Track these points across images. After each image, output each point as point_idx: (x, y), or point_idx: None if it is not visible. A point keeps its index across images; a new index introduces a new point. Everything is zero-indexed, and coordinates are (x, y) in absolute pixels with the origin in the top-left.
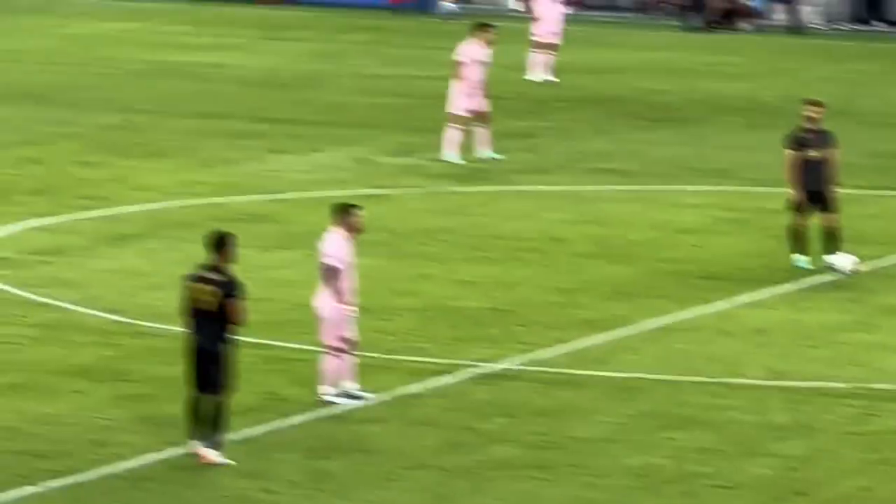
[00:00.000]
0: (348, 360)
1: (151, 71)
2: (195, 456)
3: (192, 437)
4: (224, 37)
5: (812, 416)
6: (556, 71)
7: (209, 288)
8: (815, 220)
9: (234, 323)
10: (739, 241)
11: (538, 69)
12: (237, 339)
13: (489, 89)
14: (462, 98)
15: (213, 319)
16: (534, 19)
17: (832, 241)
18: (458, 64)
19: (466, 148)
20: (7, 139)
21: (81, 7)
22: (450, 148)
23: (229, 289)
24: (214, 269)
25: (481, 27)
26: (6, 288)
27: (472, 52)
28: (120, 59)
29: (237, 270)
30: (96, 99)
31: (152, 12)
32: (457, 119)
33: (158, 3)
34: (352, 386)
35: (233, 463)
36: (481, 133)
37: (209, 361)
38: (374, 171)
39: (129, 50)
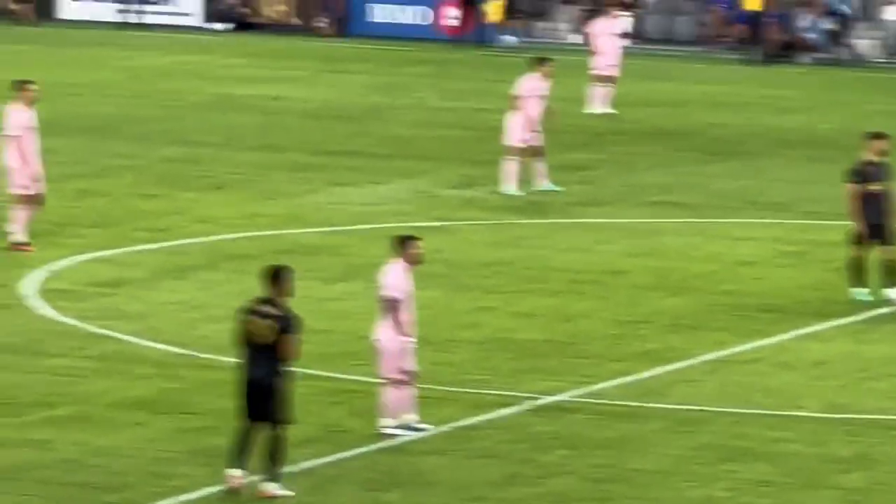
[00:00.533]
0: (408, 392)
1: (213, 103)
2: (231, 482)
3: (233, 466)
4: (285, 69)
5: (872, 448)
6: (615, 104)
7: (265, 322)
8: (875, 254)
9: (289, 357)
10: (798, 273)
11: (597, 102)
12: (292, 372)
13: (550, 122)
14: (520, 131)
15: (268, 353)
16: (593, 52)
17: (891, 273)
18: (516, 97)
19: (525, 180)
20: (69, 171)
21: (143, 40)
22: (508, 180)
23: (285, 323)
24: (270, 302)
25: (540, 61)
26: (66, 320)
27: (531, 85)
28: (182, 91)
29: (297, 302)
30: (158, 131)
31: (214, 45)
32: (515, 151)
33: (220, 37)
34: (411, 418)
35: (291, 494)
36: (539, 166)
37: (265, 395)
38: (435, 203)
39: (191, 83)
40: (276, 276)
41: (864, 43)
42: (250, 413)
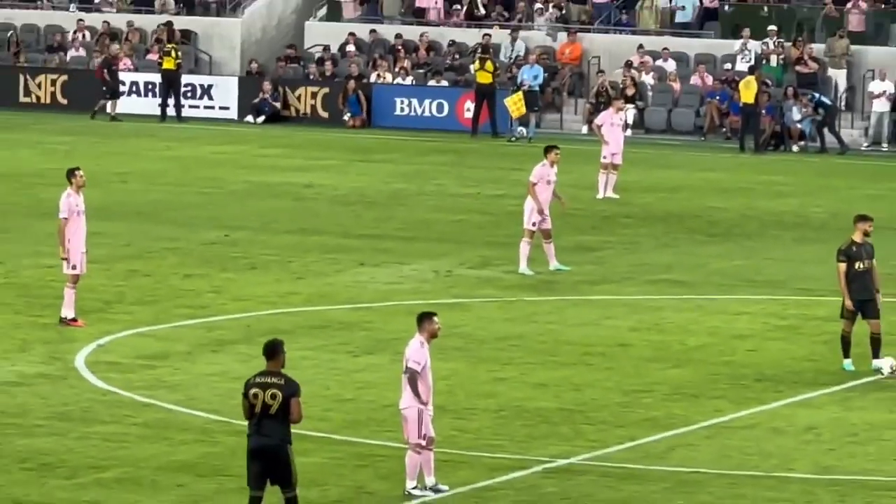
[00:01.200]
0: (428, 456)
1: (249, 191)
2: None
3: None
4: (315, 159)
5: None
6: (620, 190)
7: (272, 391)
8: (861, 327)
9: (295, 421)
10: (790, 345)
11: (605, 188)
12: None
13: (558, 206)
14: (533, 214)
15: (277, 420)
16: (603, 142)
17: (877, 345)
18: (530, 184)
19: (539, 261)
20: (118, 253)
21: (183, 132)
22: (523, 261)
23: (292, 389)
24: (274, 374)
25: (548, 149)
26: (114, 389)
27: (542, 172)
28: (220, 179)
29: (327, 373)
30: (198, 216)
31: (249, 136)
32: (529, 234)
33: (255, 129)
34: (432, 480)
35: None
36: (549, 247)
37: (279, 459)
38: (455, 282)
39: (229, 171)
40: (274, 350)
41: (850, 133)
42: (260, 479)
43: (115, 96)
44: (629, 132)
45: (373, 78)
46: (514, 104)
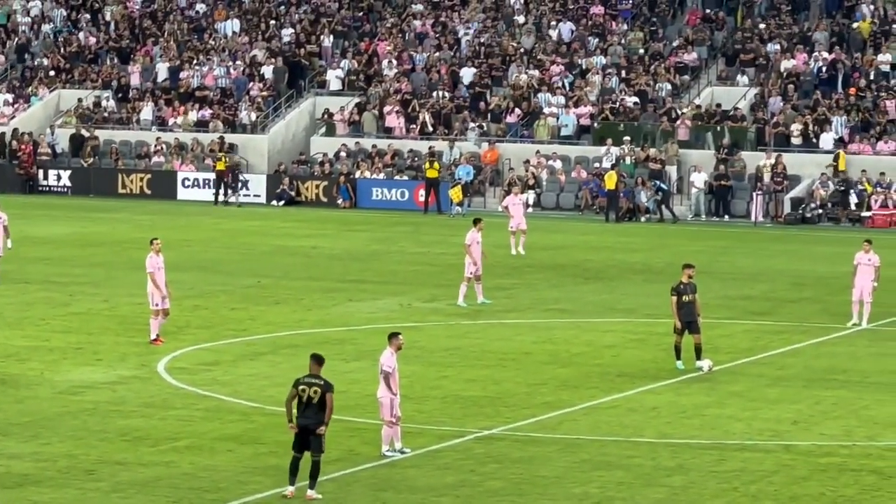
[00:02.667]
0: (396, 429)
1: (273, 251)
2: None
3: (292, 483)
4: (318, 229)
5: (687, 461)
6: (527, 247)
7: (315, 388)
8: (688, 339)
9: (330, 409)
10: (641, 352)
11: (517, 247)
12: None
13: (483, 259)
14: (468, 265)
15: (316, 407)
16: (510, 216)
17: (698, 351)
18: (466, 245)
19: (470, 297)
20: (186, 293)
21: (230, 212)
22: (460, 297)
23: (328, 387)
24: (317, 376)
25: (476, 220)
26: (184, 386)
27: (473, 236)
28: (254, 244)
29: (327, 374)
30: (239, 269)
31: (273, 215)
32: (466, 279)
33: (277, 209)
34: (399, 445)
35: (320, 497)
36: (478, 287)
37: (314, 435)
38: (413, 312)
39: (260, 238)
40: (319, 360)
41: (679, 208)
42: (300, 447)
43: (236, 190)
44: (530, 209)
45: (357, 174)
46: (455, 193)
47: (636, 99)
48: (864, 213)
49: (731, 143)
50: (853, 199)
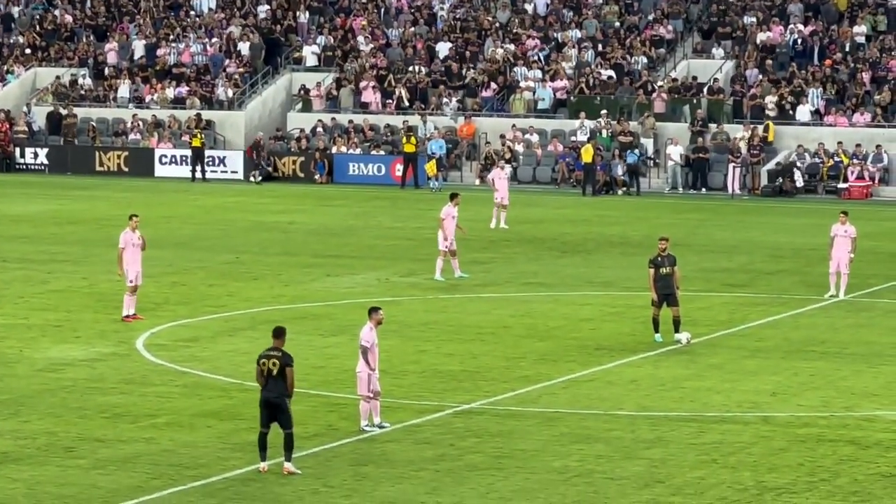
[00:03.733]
0: (375, 404)
1: (251, 227)
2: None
3: (263, 459)
4: (294, 205)
5: (666, 433)
6: (508, 221)
7: (274, 360)
8: (666, 312)
9: (289, 384)
10: (619, 325)
11: (496, 220)
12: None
13: (459, 234)
14: (441, 240)
15: (277, 380)
16: (494, 189)
17: (676, 324)
18: (441, 219)
19: (447, 271)
20: (164, 270)
21: (206, 188)
22: (437, 272)
23: (287, 360)
24: (277, 349)
25: (453, 195)
26: (162, 363)
27: (449, 211)
28: (232, 220)
29: (305, 349)
30: (217, 245)
31: (251, 191)
32: (441, 253)
33: (254, 185)
34: (378, 420)
35: (299, 472)
36: (454, 262)
37: (279, 408)
38: (391, 286)
39: (237, 214)
40: (280, 332)
41: (655, 181)
42: (267, 421)
43: (257, 167)
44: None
45: (333, 150)
46: (430, 167)
47: (612, 73)
48: (841, 185)
49: (705, 116)
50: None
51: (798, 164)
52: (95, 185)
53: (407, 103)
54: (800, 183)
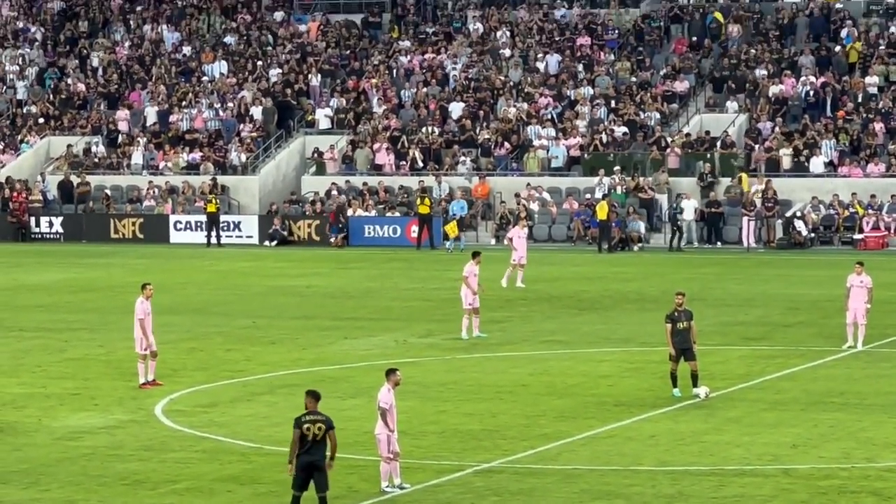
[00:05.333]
0: (395, 465)
1: (268, 291)
2: None
3: None
4: (311, 268)
5: (686, 488)
6: (524, 280)
7: (319, 424)
8: (683, 366)
9: (335, 445)
10: (637, 381)
11: (507, 279)
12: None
13: (481, 292)
14: (465, 297)
15: (321, 444)
16: (513, 248)
17: (694, 378)
18: (464, 277)
19: (470, 329)
20: (182, 336)
21: (223, 253)
22: (463, 330)
23: (331, 424)
24: (318, 412)
25: (475, 254)
26: (181, 428)
27: (471, 269)
28: (248, 284)
29: (324, 411)
30: (234, 310)
31: (266, 255)
32: (465, 312)
33: (270, 249)
34: (399, 481)
35: None
36: (476, 320)
37: (322, 471)
38: (409, 348)
39: (253, 279)
40: (317, 396)
41: (670, 235)
42: (302, 486)
43: (342, 232)
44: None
45: (349, 212)
46: (451, 228)
47: (625, 129)
48: (856, 236)
49: (711, 171)
50: (801, 227)
51: (798, 215)
52: (111, 253)
53: (421, 164)
54: (804, 232)
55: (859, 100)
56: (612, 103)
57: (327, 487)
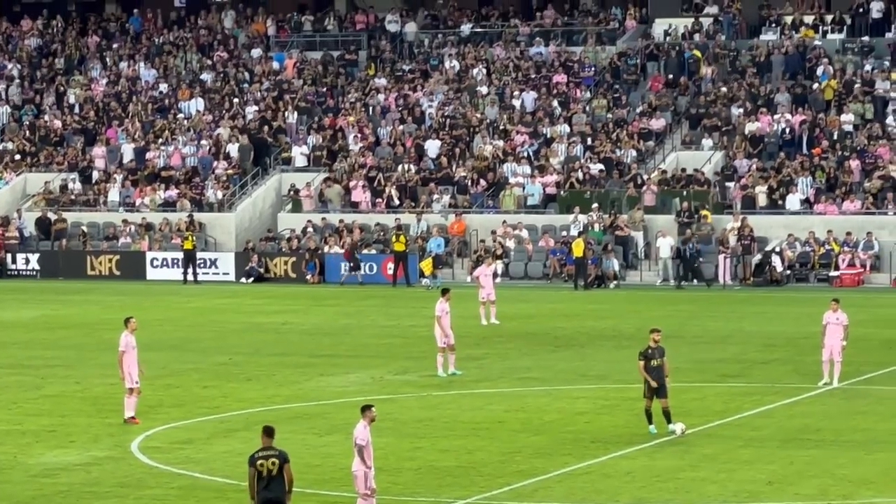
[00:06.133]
0: (371, 502)
1: (243, 328)
2: None
3: None
4: (286, 305)
5: None
6: (498, 317)
7: (272, 459)
8: (656, 404)
9: (290, 480)
10: (613, 418)
11: (487, 318)
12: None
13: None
14: (439, 337)
15: (278, 479)
16: (480, 286)
17: (667, 415)
18: (437, 316)
19: (446, 366)
20: (159, 373)
21: (199, 290)
22: (439, 368)
23: (285, 458)
24: (271, 448)
25: (444, 291)
26: (158, 465)
27: (443, 307)
28: (224, 321)
29: (300, 448)
30: (210, 347)
31: (243, 292)
32: (440, 350)
33: (246, 286)
34: None
35: None
36: (451, 357)
37: None
38: (385, 385)
39: (230, 316)
40: (271, 431)
41: (647, 272)
42: None
43: (357, 269)
44: (498, 279)
45: (325, 249)
46: (426, 265)
47: (601, 166)
48: (832, 273)
49: (688, 208)
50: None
51: (776, 251)
52: (87, 290)
53: (397, 202)
54: (780, 269)
55: (835, 137)
56: (589, 140)
57: None
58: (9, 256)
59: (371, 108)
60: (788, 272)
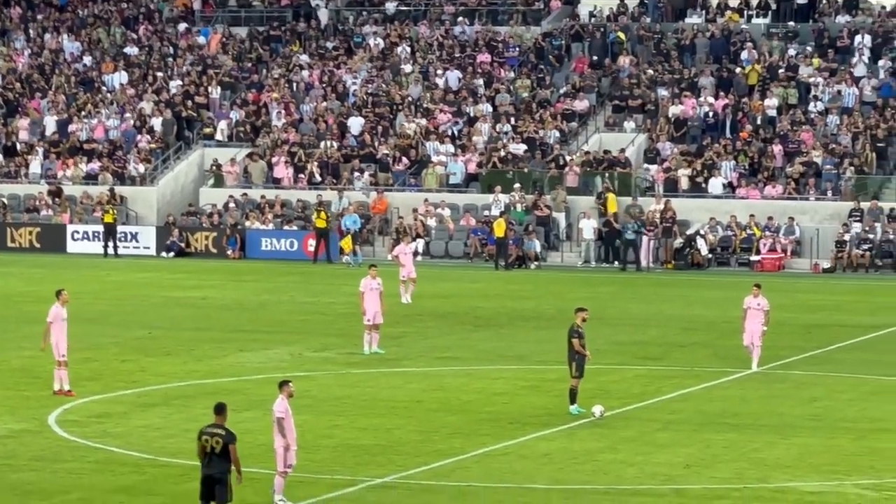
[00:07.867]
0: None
1: (163, 303)
2: None
3: None
4: (206, 280)
5: None
6: (415, 296)
7: (217, 438)
8: (582, 384)
9: (234, 461)
10: (532, 399)
11: (406, 295)
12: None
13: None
14: (365, 315)
15: (220, 457)
16: (400, 265)
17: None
18: (361, 293)
19: (369, 344)
20: (77, 346)
21: (120, 264)
22: (365, 346)
23: (231, 438)
24: (219, 426)
25: (370, 267)
26: (74, 439)
27: (367, 283)
28: (144, 295)
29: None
30: (129, 321)
31: (163, 266)
32: (366, 328)
33: (167, 261)
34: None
35: None
36: (375, 335)
37: (221, 484)
38: (304, 361)
39: (150, 290)
40: (222, 409)
41: (568, 255)
42: (207, 497)
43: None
44: (419, 258)
45: (246, 225)
46: (346, 243)
47: (524, 146)
48: (753, 257)
49: (605, 190)
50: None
51: (701, 234)
52: (7, 262)
53: (319, 178)
54: (704, 252)
55: (758, 122)
56: (512, 120)
57: (226, 499)
58: None
59: (295, 85)
60: (710, 256)
